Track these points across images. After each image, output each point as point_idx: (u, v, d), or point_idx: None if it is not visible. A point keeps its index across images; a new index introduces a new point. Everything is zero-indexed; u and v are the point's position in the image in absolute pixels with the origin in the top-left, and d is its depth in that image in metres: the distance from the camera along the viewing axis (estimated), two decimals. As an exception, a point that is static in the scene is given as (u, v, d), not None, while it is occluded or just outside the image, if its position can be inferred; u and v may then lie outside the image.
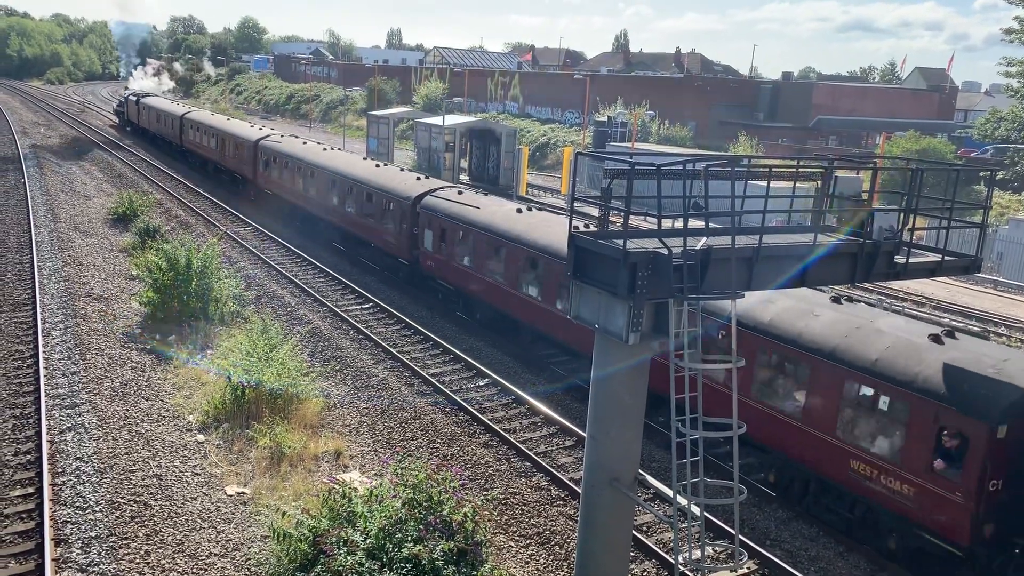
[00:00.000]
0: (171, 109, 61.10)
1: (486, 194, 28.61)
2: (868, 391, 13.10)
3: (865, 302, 18.57)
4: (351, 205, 30.97)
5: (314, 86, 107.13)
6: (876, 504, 13.27)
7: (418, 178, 28.94)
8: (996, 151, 54.66)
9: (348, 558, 10.28)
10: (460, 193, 26.35)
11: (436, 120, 55.26)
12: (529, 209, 24.54)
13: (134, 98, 71.19)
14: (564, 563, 13.00)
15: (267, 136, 41.86)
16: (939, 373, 12.27)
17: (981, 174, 45.56)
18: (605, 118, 62.83)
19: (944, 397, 12.05)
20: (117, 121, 78.20)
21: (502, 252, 22.12)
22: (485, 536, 11.41)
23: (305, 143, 40.34)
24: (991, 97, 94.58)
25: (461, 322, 24.76)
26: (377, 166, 32.60)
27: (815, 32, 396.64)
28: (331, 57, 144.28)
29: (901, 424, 12.68)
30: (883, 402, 12.88)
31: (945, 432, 12.04)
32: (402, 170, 32.80)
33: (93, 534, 12.70)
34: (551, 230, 21.08)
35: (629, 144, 54.61)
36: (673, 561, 11.25)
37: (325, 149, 37.50)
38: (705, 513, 10.38)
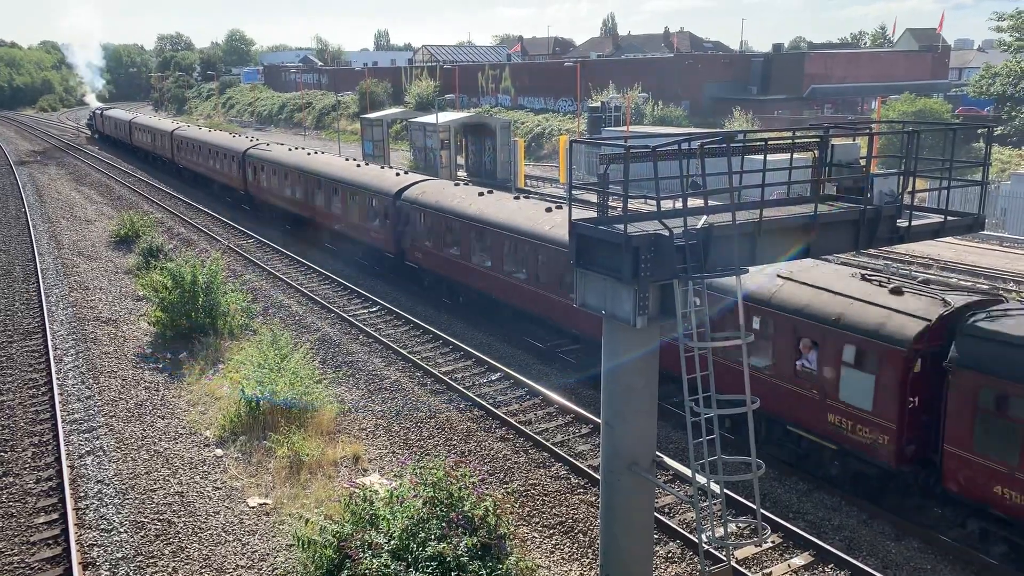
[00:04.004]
0: (123, 117, 75.84)
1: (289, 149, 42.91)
2: None
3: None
4: (215, 162, 47.52)
5: (305, 94, 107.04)
6: None
7: (249, 140, 46.02)
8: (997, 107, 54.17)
9: (374, 561, 10.34)
10: (268, 146, 42.29)
11: (429, 119, 55.15)
12: (301, 149, 40.56)
13: (99, 111, 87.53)
14: (588, 550, 13.04)
15: (178, 128, 58.54)
16: None
17: (979, 131, 45.29)
18: (599, 104, 62.63)
19: None
20: (90, 133, 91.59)
21: (286, 176, 36.24)
22: (508, 529, 11.44)
23: (200, 128, 60.39)
24: (984, 53, 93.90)
25: (275, 224, 38.53)
26: (233, 136, 51.20)
27: (804, 2, 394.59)
28: (320, 64, 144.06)
29: None
30: None
31: None
32: (243, 136, 48.43)
33: (120, 555, 12.79)
34: (316, 158, 36.68)
35: (624, 128, 54.48)
36: (697, 540, 11.27)
37: (207, 131, 56.71)
38: (725, 490, 10.38)
